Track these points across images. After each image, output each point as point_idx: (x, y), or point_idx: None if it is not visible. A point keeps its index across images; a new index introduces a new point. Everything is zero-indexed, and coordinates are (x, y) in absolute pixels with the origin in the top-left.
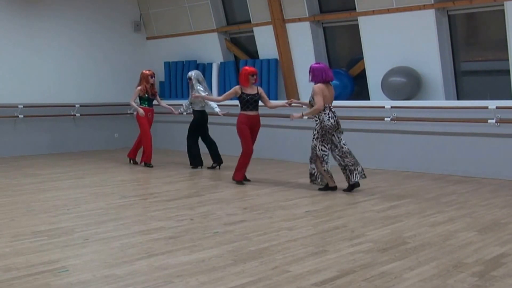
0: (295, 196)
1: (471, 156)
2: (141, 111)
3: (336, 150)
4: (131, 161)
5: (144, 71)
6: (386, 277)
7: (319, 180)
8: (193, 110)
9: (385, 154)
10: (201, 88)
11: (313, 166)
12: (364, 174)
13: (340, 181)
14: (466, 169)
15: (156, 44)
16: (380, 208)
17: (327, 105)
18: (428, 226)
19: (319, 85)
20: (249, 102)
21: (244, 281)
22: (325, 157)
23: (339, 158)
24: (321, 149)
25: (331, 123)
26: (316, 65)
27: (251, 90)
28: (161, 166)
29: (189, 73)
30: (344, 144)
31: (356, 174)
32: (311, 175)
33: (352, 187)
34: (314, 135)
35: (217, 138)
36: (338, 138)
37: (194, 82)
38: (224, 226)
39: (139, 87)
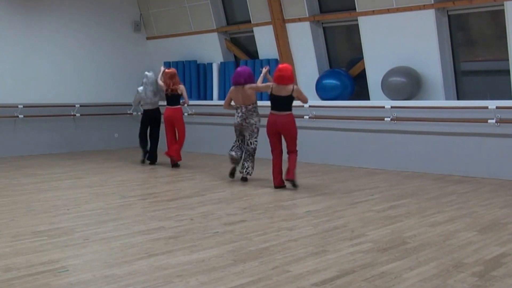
0: (295, 196)
1: (471, 156)
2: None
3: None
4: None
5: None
6: (386, 277)
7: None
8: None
9: (385, 154)
10: (141, 88)
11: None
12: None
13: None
14: (466, 169)
15: (156, 44)
16: (380, 208)
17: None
18: (428, 226)
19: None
20: None
21: (244, 281)
22: None
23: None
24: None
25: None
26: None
27: None
28: (161, 166)
29: (147, 73)
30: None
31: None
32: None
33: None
34: (255, 132)
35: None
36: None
37: (144, 81)
38: (224, 226)
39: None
